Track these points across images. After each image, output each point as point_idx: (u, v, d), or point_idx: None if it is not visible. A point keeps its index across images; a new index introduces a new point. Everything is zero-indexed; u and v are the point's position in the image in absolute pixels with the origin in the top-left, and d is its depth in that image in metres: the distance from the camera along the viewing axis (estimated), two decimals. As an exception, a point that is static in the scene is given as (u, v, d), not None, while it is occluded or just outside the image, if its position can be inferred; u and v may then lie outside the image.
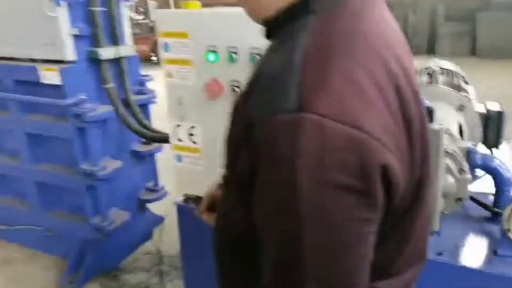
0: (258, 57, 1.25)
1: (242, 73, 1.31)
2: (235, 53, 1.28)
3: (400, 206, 0.54)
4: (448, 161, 1.20)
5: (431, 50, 10.99)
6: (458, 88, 1.63)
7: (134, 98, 2.42)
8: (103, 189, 2.35)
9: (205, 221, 0.89)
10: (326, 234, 0.47)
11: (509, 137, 1.98)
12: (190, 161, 1.54)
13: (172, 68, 1.40)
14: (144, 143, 2.67)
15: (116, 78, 2.32)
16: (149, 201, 2.78)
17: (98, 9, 2.13)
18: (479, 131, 1.60)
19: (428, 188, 0.61)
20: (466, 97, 1.61)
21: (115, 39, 2.28)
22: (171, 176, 1.74)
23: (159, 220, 2.96)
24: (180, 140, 1.53)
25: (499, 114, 1.66)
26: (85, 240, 2.47)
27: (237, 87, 1.33)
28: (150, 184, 2.79)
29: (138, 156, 2.64)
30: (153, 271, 2.60)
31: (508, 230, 1.20)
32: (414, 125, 0.54)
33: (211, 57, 1.32)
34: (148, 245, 2.85)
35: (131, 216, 2.57)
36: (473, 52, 10.75)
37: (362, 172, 0.45)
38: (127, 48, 2.36)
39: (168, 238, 2.80)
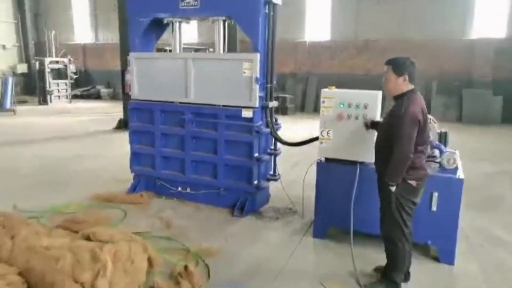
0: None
1: (353, 111, 3.90)
2: (350, 104, 3.88)
3: (421, 128, 3.06)
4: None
5: (426, 116, 13.80)
6: (433, 122, 4.22)
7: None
8: (262, 167, 4.89)
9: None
10: (408, 129, 3.00)
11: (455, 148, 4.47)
12: (326, 144, 4.07)
13: (325, 110, 4.00)
14: (272, 149, 5.22)
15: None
16: (271, 180, 5.27)
17: (269, 85, 4.82)
18: (436, 138, 4.15)
19: (427, 125, 3.16)
20: (434, 124, 4.19)
21: (271, 98, 4.94)
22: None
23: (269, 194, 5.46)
24: (323, 136, 4.08)
25: (445, 133, 4.24)
26: (248, 194, 4.94)
27: (349, 116, 3.91)
28: (271, 172, 5.30)
29: (270, 154, 5.18)
30: (276, 213, 5.02)
31: (443, 164, 3.71)
32: (425, 115, 3.08)
33: (342, 105, 3.92)
34: (268, 205, 5.29)
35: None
36: (460, 119, 13.59)
37: (416, 120, 3.01)
38: (275, 103, 5.02)
39: (279, 202, 5.27)
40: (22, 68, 19.47)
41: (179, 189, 5.34)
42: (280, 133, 5.26)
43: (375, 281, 3.41)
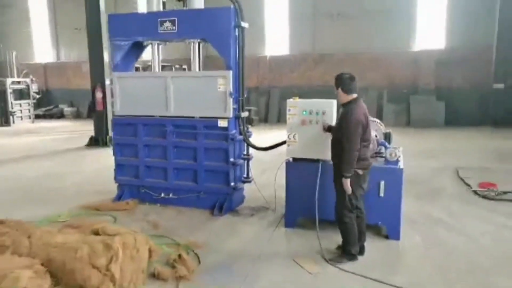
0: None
1: (314, 117, 4.67)
2: (311, 111, 4.65)
3: (364, 127, 3.88)
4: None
5: (380, 122, 15.06)
6: (379, 124, 5.08)
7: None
8: (237, 170, 5.56)
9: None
10: (354, 128, 3.80)
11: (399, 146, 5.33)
12: (292, 145, 4.81)
13: (291, 117, 4.74)
14: (245, 154, 5.89)
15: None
16: (245, 182, 5.94)
17: (241, 98, 5.52)
18: (382, 137, 5.01)
19: (369, 126, 3.97)
20: (380, 126, 5.04)
21: (243, 109, 5.63)
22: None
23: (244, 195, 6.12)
24: (289, 139, 4.81)
25: (389, 133, 5.11)
26: (226, 195, 5.57)
27: (311, 121, 4.67)
28: (245, 175, 5.97)
29: (243, 159, 5.85)
30: (251, 210, 5.67)
31: (386, 157, 4.54)
32: (366, 118, 3.91)
33: (304, 112, 4.67)
34: (244, 205, 5.93)
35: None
36: (408, 123, 14.93)
37: (359, 121, 3.81)
38: (247, 113, 5.72)
39: (253, 201, 5.93)
40: (-20, 89, 19.05)
41: (162, 195, 5.88)
42: (250, 140, 5.96)
43: (337, 255, 4.14)
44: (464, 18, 14.76)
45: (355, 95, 3.99)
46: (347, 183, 3.91)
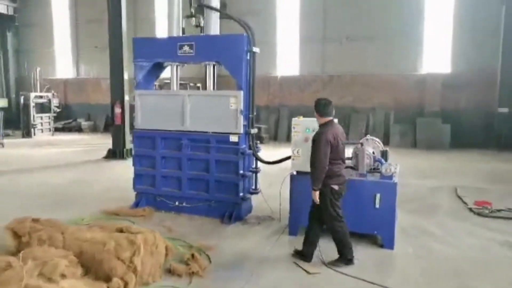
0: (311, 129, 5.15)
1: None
2: (314, 129, 5.14)
3: (333, 147, 4.36)
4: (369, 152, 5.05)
5: (386, 142, 15.42)
6: (378, 143, 5.55)
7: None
8: (246, 182, 6.04)
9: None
10: (323, 147, 4.29)
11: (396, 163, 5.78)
12: (296, 160, 5.29)
13: (295, 134, 5.24)
14: (254, 167, 6.39)
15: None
16: (253, 193, 6.41)
17: (251, 115, 6.06)
18: (380, 154, 5.47)
19: (339, 145, 4.46)
20: (379, 145, 5.51)
21: (253, 126, 6.16)
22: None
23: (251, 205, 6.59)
24: (294, 154, 5.30)
25: (386, 151, 5.57)
26: (235, 204, 6.05)
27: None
28: (253, 186, 6.45)
29: (252, 172, 6.34)
30: (258, 220, 6.12)
31: (382, 172, 4.99)
32: (335, 138, 4.39)
33: (307, 130, 5.17)
34: (251, 214, 6.39)
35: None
36: (415, 144, 15.30)
37: (328, 141, 4.30)
38: (256, 130, 6.24)
39: (260, 211, 6.39)
40: (3, 103, 20.07)
41: (177, 203, 6.38)
42: (259, 154, 6.47)
43: (335, 260, 4.56)
44: (470, 43, 15.24)
45: (329, 118, 4.51)
46: (315, 194, 4.44)
